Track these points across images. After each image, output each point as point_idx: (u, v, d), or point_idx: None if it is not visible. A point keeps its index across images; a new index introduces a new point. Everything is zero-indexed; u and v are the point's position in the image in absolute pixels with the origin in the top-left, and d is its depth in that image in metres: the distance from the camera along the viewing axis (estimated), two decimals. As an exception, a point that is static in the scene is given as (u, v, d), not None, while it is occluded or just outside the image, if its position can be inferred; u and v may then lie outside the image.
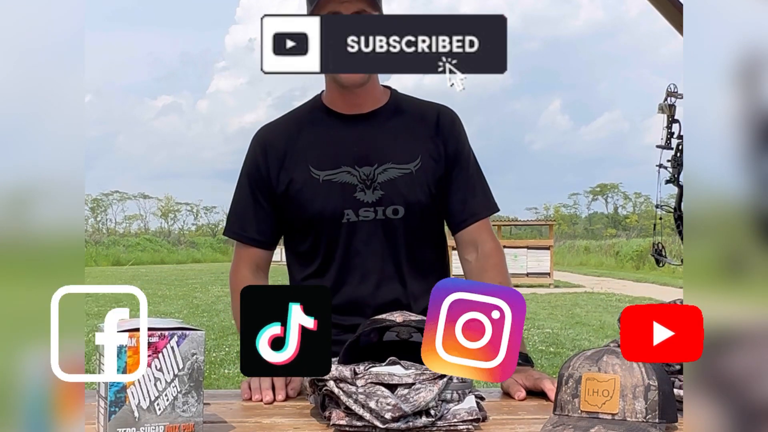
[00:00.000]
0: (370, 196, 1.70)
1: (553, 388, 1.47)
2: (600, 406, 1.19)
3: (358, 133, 1.74)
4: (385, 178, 1.71)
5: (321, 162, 1.72)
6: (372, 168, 1.71)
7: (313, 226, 1.73)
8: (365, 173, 1.70)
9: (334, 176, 1.71)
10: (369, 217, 1.71)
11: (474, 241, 1.79)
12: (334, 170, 1.71)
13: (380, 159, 1.71)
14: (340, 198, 1.70)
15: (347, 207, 1.70)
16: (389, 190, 1.70)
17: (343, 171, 1.71)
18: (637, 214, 53.06)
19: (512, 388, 1.52)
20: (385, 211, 1.71)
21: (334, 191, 1.70)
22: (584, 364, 1.22)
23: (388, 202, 1.71)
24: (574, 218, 58.67)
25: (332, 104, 1.77)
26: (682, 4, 2.86)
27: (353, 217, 1.70)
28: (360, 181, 1.70)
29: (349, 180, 1.70)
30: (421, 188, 1.73)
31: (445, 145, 1.76)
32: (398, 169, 1.72)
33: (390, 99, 1.79)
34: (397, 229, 1.72)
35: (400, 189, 1.71)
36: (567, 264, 28.38)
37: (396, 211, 1.71)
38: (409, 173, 1.72)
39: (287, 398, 1.50)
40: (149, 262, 31.67)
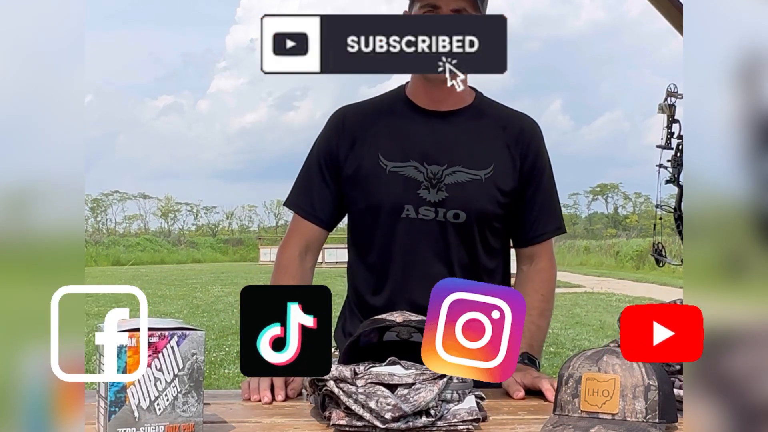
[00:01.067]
0: (433, 196, 1.67)
1: (551, 388, 1.47)
2: (600, 406, 1.19)
3: (433, 129, 1.71)
4: (452, 181, 1.67)
5: (391, 152, 1.69)
6: (440, 168, 1.67)
7: (372, 214, 1.71)
8: (433, 172, 1.67)
9: (401, 169, 1.68)
10: (429, 217, 1.68)
11: (533, 256, 1.78)
12: (402, 163, 1.68)
13: (450, 160, 1.68)
14: (403, 192, 1.67)
15: (408, 202, 1.67)
16: (454, 194, 1.67)
17: (411, 165, 1.68)
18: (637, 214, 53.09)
19: (511, 387, 1.52)
20: (446, 213, 1.68)
21: (398, 184, 1.68)
22: (584, 364, 1.22)
23: (450, 205, 1.67)
24: (574, 218, 58.66)
25: (414, 97, 1.74)
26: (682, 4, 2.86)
27: (413, 213, 1.68)
28: (426, 178, 1.67)
29: (415, 175, 1.67)
30: (488, 197, 1.69)
31: (522, 158, 1.72)
32: (467, 174, 1.68)
33: (474, 101, 1.76)
34: (455, 234, 1.69)
35: (465, 194, 1.67)
36: (567, 264, 28.39)
37: (457, 216, 1.68)
38: (478, 180, 1.68)
39: (287, 399, 1.50)
40: (149, 262, 31.68)
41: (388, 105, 1.77)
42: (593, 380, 1.20)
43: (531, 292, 1.74)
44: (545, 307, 1.75)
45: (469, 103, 1.75)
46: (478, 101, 1.77)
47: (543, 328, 1.73)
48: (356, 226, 1.78)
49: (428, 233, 1.69)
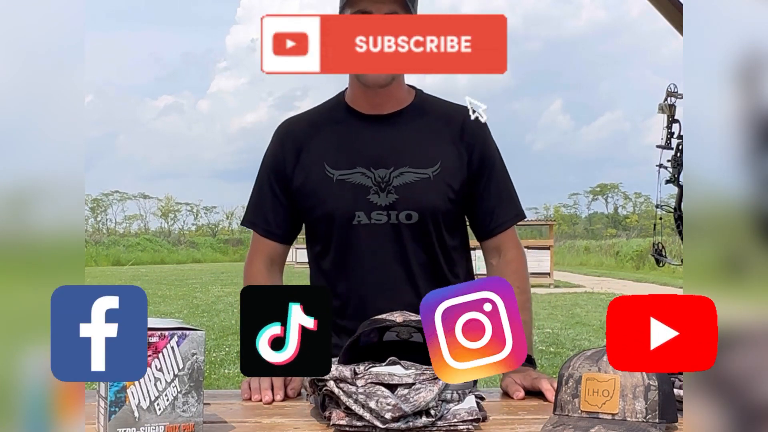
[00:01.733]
0: (383, 199, 1.68)
1: (550, 388, 1.47)
2: (600, 406, 1.19)
3: (376, 134, 1.71)
4: (400, 182, 1.68)
5: (336, 161, 1.70)
6: (387, 171, 1.68)
7: (325, 225, 1.71)
8: (380, 176, 1.68)
9: (348, 176, 1.69)
10: (381, 221, 1.68)
11: (498, 247, 1.78)
12: (348, 170, 1.69)
13: (397, 162, 1.68)
14: (352, 199, 1.68)
15: (359, 209, 1.68)
16: (404, 195, 1.67)
17: (358, 172, 1.68)
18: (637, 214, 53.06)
19: (511, 387, 1.52)
20: (398, 215, 1.68)
21: (347, 192, 1.68)
22: (584, 364, 1.22)
23: (402, 206, 1.68)
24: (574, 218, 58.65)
25: (354, 103, 1.75)
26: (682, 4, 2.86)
27: (365, 219, 1.68)
28: (374, 183, 1.68)
29: (363, 181, 1.68)
30: (439, 194, 1.70)
31: (469, 151, 1.73)
32: (415, 174, 1.68)
33: (414, 100, 1.76)
34: (409, 235, 1.69)
35: (415, 194, 1.68)
36: (567, 264, 28.38)
37: (410, 216, 1.68)
38: (426, 178, 1.69)
39: (286, 398, 1.50)
40: (149, 262, 31.67)
41: (330, 114, 1.77)
42: (593, 380, 1.20)
43: None
44: (524, 299, 1.75)
45: (409, 103, 1.75)
46: (418, 100, 1.77)
47: (528, 323, 1.73)
48: (312, 235, 1.78)
49: (383, 237, 1.69)
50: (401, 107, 1.74)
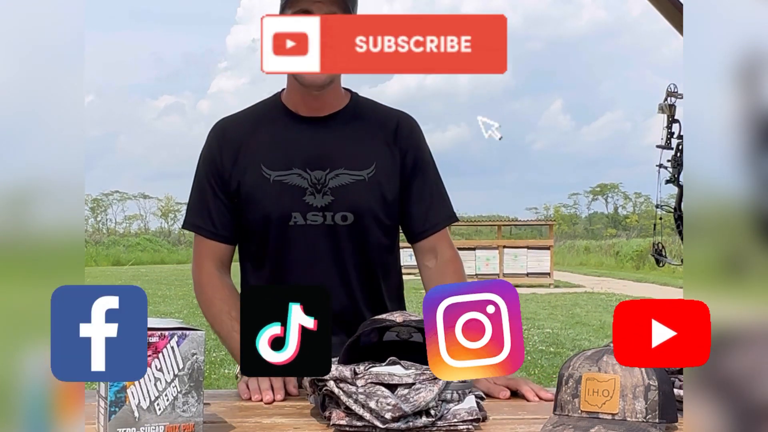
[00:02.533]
0: (319, 201, 1.68)
1: (529, 390, 1.49)
2: (600, 406, 1.19)
3: (312, 135, 1.71)
4: (336, 184, 1.68)
5: (273, 162, 1.69)
6: (324, 172, 1.68)
7: (261, 226, 1.71)
8: (316, 177, 1.68)
9: (284, 177, 1.68)
10: (317, 222, 1.68)
11: (433, 249, 1.78)
12: (285, 171, 1.69)
13: (332, 164, 1.69)
14: (289, 200, 1.68)
15: (295, 210, 1.68)
16: (339, 196, 1.68)
17: (294, 173, 1.68)
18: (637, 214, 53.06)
19: (493, 389, 1.52)
20: (334, 216, 1.68)
21: (284, 193, 1.68)
22: (584, 364, 1.22)
23: (337, 207, 1.68)
24: (574, 218, 58.65)
25: (290, 104, 1.74)
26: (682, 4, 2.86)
27: (301, 220, 1.68)
28: (310, 184, 1.68)
29: (299, 183, 1.68)
30: (374, 195, 1.70)
31: (403, 154, 1.74)
32: (350, 176, 1.69)
33: (349, 103, 1.77)
34: (345, 236, 1.70)
35: (350, 195, 1.68)
36: (567, 264, 28.38)
37: (345, 218, 1.69)
38: (361, 180, 1.70)
39: (287, 396, 1.50)
40: (149, 262, 31.66)
41: (266, 114, 1.77)
42: (593, 380, 1.20)
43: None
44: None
45: (345, 106, 1.76)
46: (353, 103, 1.77)
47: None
48: (247, 241, 1.77)
49: (318, 238, 1.69)
50: (337, 110, 1.74)
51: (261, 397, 1.48)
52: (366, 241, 1.72)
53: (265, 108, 1.79)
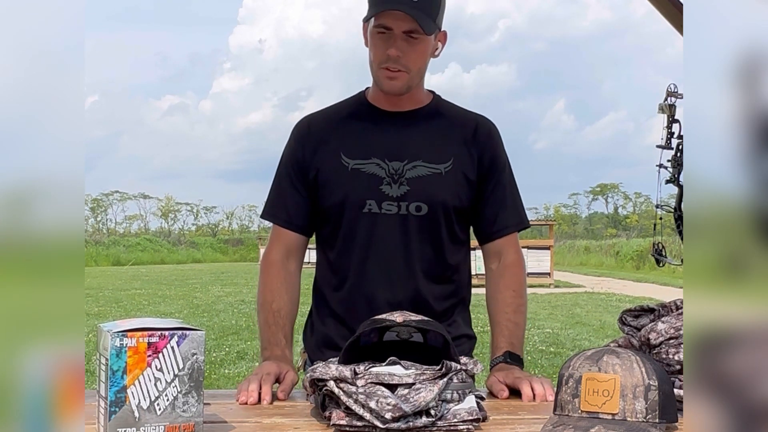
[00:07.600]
0: (395, 191, 1.72)
1: (528, 392, 1.50)
2: (600, 406, 1.19)
3: (393, 128, 1.77)
4: (413, 175, 1.73)
5: (353, 151, 1.75)
6: (401, 163, 1.73)
7: (336, 211, 1.75)
8: (394, 168, 1.72)
9: (362, 166, 1.73)
10: (391, 211, 1.72)
11: (499, 252, 1.81)
12: (363, 160, 1.74)
13: (411, 156, 1.73)
14: (365, 187, 1.72)
15: (371, 197, 1.72)
16: (415, 187, 1.72)
17: (373, 162, 1.73)
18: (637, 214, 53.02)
19: (495, 386, 1.55)
20: (408, 206, 1.72)
21: (361, 180, 1.73)
22: (584, 364, 1.22)
23: (412, 198, 1.72)
24: (574, 218, 58.62)
25: (375, 101, 1.80)
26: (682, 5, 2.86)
27: (375, 208, 1.72)
28: (388, 174, 1.72)
29: (377, 172, 1.73)
30: (449, 190, 1.74)
31: (480, 155, 1.78)
32: (427, 168, 1.73)
33: (431, 102, 1.82)
34: (417, 227, 1.73)
35: (426, 187, 1.72)
36: (567, 264, 28.38)
37: (419, 208, 1.73)
38: (438, 173, 1.74)
39: (274, 400, 1.48)
40: (149, 262, 31.68)
41: (350, 109, 1.83)
42: (593, 380, 1.20)
43: (503, 288, 1.77)
44: (519, 302, 1.77)
45: (427, 104, 1.81)
46: (435, 102, 1.83)
47: (520, 325, 1.75)
48: (322, 225, 1.82)
49: (390, 227, 1.73)
50: (419, 106, 1.80)
51: (246, 398, 1.46)
52: (437, 233, 1.75)
53: (349, 104, 1.85)
